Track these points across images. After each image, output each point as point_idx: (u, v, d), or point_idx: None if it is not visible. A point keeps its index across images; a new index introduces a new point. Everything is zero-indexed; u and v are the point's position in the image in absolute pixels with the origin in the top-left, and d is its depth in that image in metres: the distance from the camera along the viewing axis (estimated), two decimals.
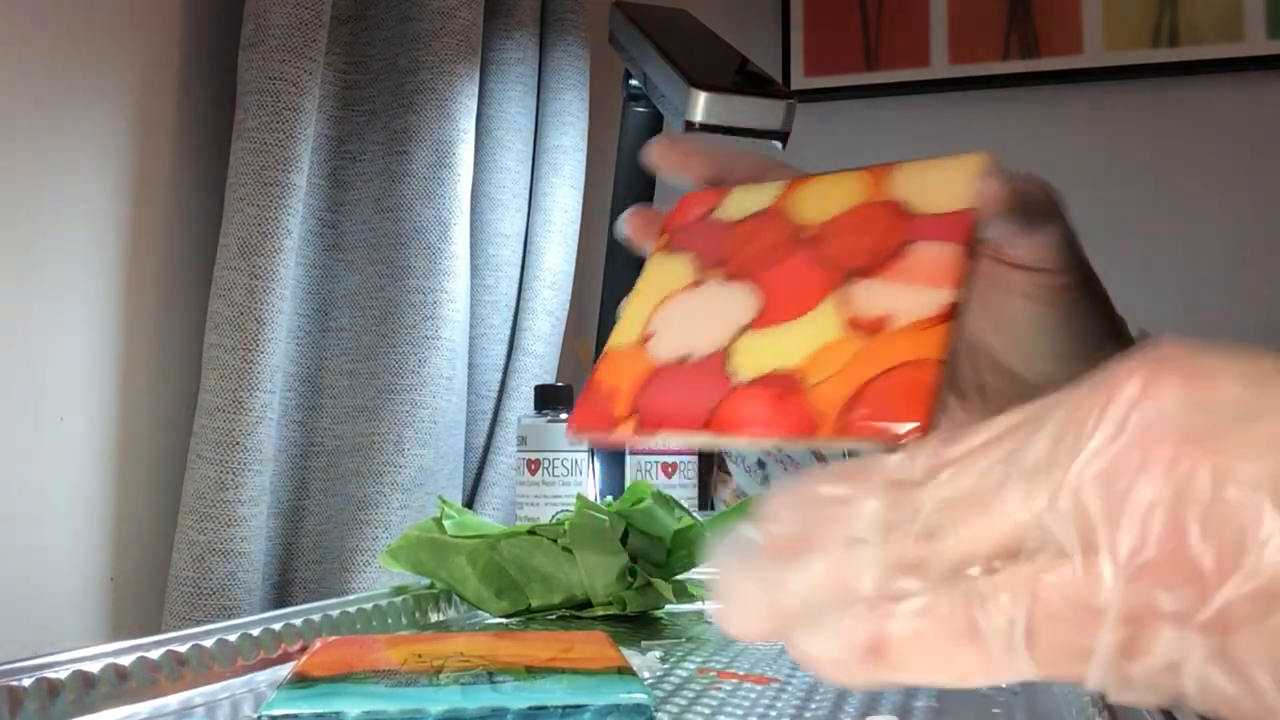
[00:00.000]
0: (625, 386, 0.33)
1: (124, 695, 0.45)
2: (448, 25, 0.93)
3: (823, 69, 1.41)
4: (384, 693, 0.40)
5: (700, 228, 0.38)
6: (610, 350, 0.35)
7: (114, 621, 0.76)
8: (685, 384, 0.32)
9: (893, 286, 0.31)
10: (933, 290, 0.30)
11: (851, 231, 0.34)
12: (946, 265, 0.31)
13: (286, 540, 0.87)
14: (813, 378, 0.30)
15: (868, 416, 0.28)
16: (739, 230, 0.37)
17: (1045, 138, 1.35)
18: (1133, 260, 1.29)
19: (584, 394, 0.34)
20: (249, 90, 0.80)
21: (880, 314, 0.30)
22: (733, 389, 0.31)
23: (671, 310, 0.35)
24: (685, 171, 0.42)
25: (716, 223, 0.38)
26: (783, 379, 0.30)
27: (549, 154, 1.08)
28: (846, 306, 0.31)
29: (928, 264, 0.31)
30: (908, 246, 0.32)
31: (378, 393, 0.88)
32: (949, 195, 0.33)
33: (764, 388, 0.30)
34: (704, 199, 0.39)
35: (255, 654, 0.52)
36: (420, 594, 0.68)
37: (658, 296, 0.36)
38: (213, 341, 0.77)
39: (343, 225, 0.93)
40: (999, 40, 1.35)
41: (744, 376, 0.31)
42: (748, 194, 0.38)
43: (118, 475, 0.77)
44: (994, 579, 0.23)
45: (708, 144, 0.43)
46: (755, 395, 0.30)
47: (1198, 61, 1.29)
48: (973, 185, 0.33)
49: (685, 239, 0.38)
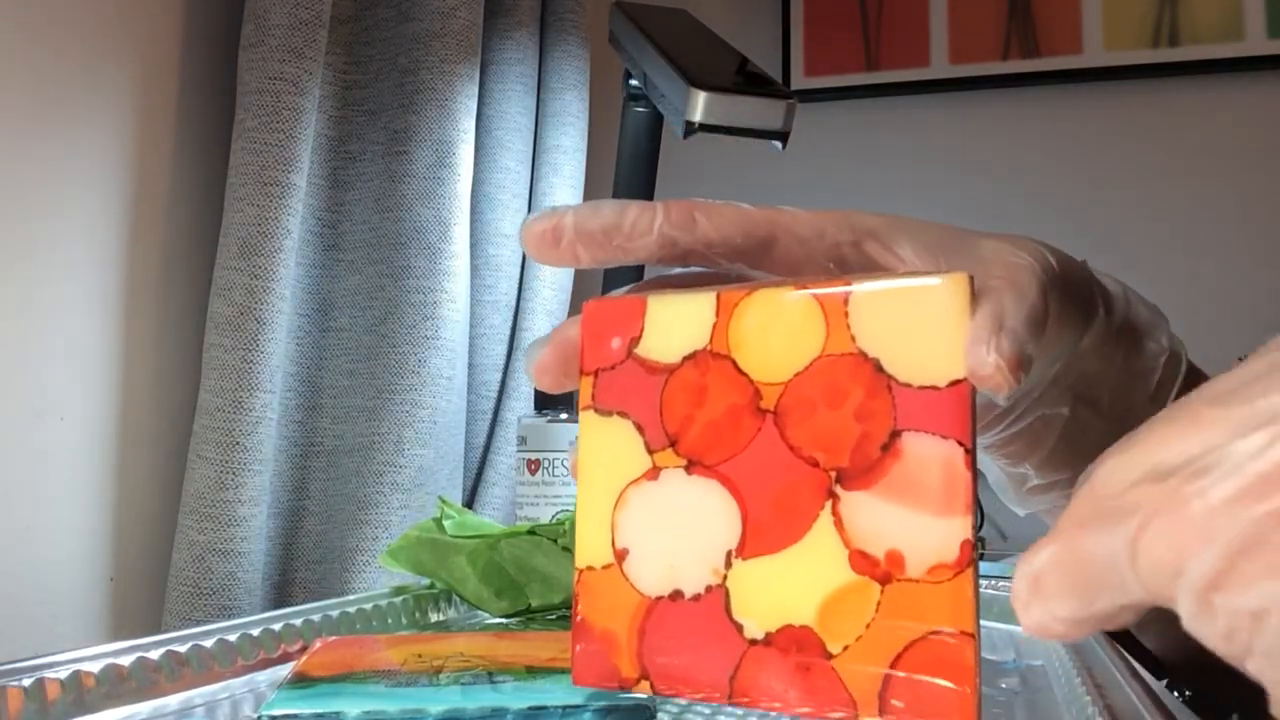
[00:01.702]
0: (621, 632, 0.31)
1: (123, 695, 0.45)
2: (448, 25, 0.93)
3: (823, 69, 1.41)
4: (384, 693, 0.40)
5: (627, 373, 0.32)
6: (585, 572, 0.32)
7: (114, 621, 0.76)
8: (690, 634, 0.30)
9: (894, 508, 0.28)
10: (942, 520, 0.27)
11: (822, 403, 0.29)
12: (952, 481, 0.27)
13: (286, 540, 0.87)
14: (834, 641, 0.28)
15: (908, 711, 0.27)
16: (679, 382, 0.32)
17: (1045, 138, 1.35)
18: (1133, 260, 1.29)
19: (576, 635, 0.32)
20: (249, 90, 0.80)
21: (889, 548, 0.28)
22: (749, 647, 0.29)
23: (634, 514, 0.31)
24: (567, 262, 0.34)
25: (647, 365, 0.32)
26: (800, 638, 0.28)
27: (549, 154, 1.08)
28: (845, 530, 0.28)
29: (930, 479, 0.27)
30: (896, 439, 0.28)
31: (378, 393, 0.88)
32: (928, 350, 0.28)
33: (783, 652, 0.29)
34: (618, 318, 0.33)
35: (255, 654, 0.52)
36: (420, 594, 0.68)
37: (612, 488, 0.32)
38: (213, 341, 0.77)
39: (343, 225, 0.93)
40: (999, 40, 1.35)
41: (755, 630, 0.29)
42: (672, 315, 0.32)
43: (118, 475, 0.77)
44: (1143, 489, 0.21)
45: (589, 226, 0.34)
46: (776, 660, 0.29)
47: (1198, 61, 1.29)
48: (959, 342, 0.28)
49: (614, 391, 0.32)
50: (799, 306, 0.30)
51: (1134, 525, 0.21)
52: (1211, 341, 1.21)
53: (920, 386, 0.28)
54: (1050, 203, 1.33)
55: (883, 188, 1.37)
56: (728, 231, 0.33)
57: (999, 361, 0.27)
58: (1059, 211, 1.33)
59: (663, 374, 0.32)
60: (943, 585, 0.27)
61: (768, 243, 0.33)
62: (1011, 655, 0.56)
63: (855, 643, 0.28)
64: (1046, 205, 1.33)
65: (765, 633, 0.29)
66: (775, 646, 0.29)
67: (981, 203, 1.36)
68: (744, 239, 0.33)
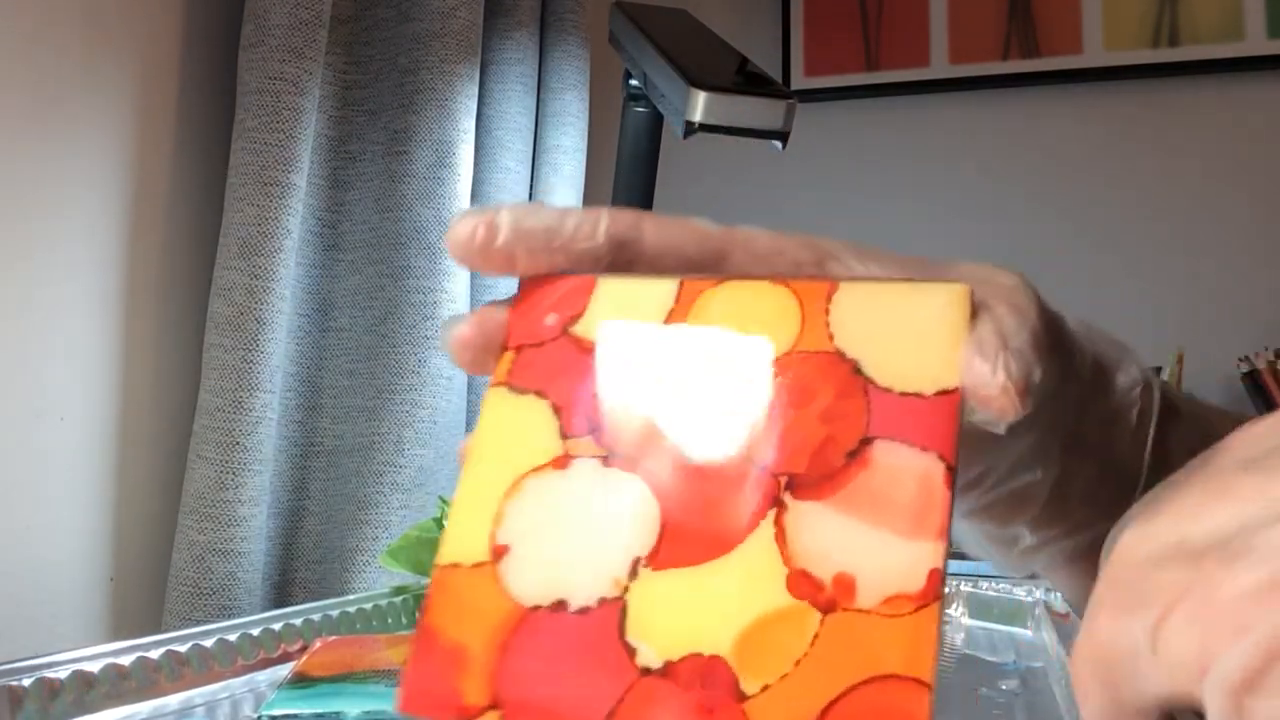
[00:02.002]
0: (477, 646, 0.24)
1: (124, 695, 0.45)
2: (448, 25, 0.93)
3: (823, 69, 1.41)
4: (384, 693, 0.40)
5: (557, 351, 0.28)
6: (446, 570, 0.25)
7: (114, 621, 0.76)
8: (568, 656, 0.24)
9: (852, 524, 0.23)
10: (909, 542, 0.23)
11: (785, 401, 0.25)
12: (928, 499, 0.23)
13: (286, 540, 0.87)
14: (751, 678, 0.22)
15: None
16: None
17: (1045, 138, 1.35)
18: (1133, 260, 1.29)
19: (415, 649, 0.25)
20: (249, 90, 0.80)
21: (838, 573, 0.23)
22: (640, 677, 0.23)
23: (529, 507, 0.26)
24: (498, 267, 0.29)
25: (581, 345, 0.28)
26: (708, 670, 0.23)
27: (549, 154, 1.08)
28: (788, 545, 0.23)
29: (900, 494, 0.23)
30: (867, 446, 0.24)
31: (378, 393, 0.88)
32: (917, 357, 0.25)
33: (683, 687, 0.23)
34: (560, 293, 0.29)
35: (255, 654, 0.52)
36: (420, 593, 0.68)
37: (506, 474, 0.26)
38: (213, 341, 0.77)
39: (343, 225, 0.93)
40: (999, 40, 1.35)
41: (651, 656, 0.23)
42: (625, 297, 0.28)
43: (118, 475, 0.77)
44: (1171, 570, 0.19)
45: (534, 231, 0.29)
46: (672, 696, 0.23)
47: (1198, 61, 1.29)
48: (953, 351, 0.25)
49: (536, 369, 0.28)
50: (772, 298, 0.27)
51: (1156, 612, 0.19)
52: (1211, 341, 1.21)
53: (902, 393, 0.24)
54: (1050, 203, 1.33)
55: (883, 188, 1.37)
56: (678, 240, 0.30)
57: (1005, 383, 0.24)
58: (1059, 211, 1.33)
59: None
60: (900, 620, 0.22)
61: (721, 255, 0.30)
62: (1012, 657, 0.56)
63: (779, 682, 0.22)
64: (1046, 205, 1.33)
65: (664, 661, 0.23)
66: (674, 679, 0.23)
67: (981, 203, 1.36)
68: (695, 249, 0.30)
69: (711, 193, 1.43)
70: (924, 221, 1.36)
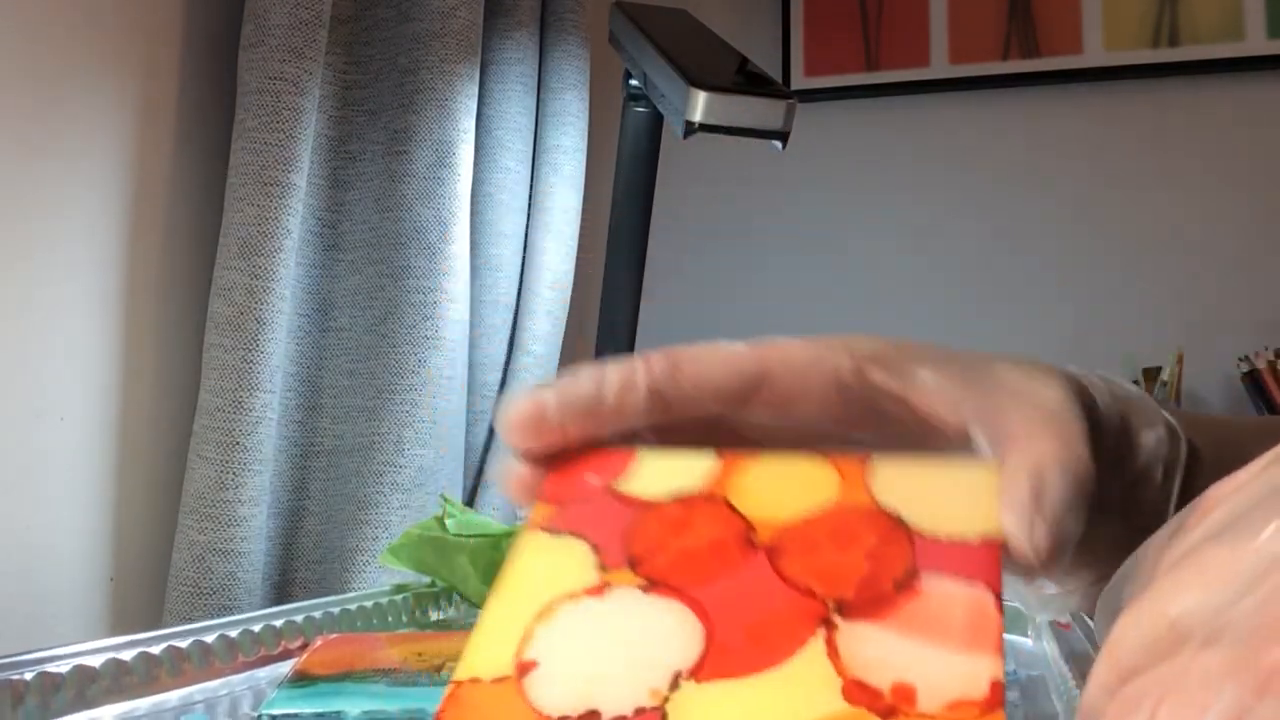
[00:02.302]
0: None
1: (125, 690, 0.46)
2: (448, 25, 0.93)
3: (823, 69, 1.41)
4: (384, 691, 0.40)
5: (599, 504, 0.28)
6: (463, 686, 0.24)
7: (114, 621, 0.76)
8: None
9: (908, 642, 0.23)
10: (967, 656, 0.22)
11: (828, 544, 0.25)
12: (981, 620, 0.23)
13: (286, 540, 0.87)
14: None
15: None
16: (658, 516, 0.27)
17: (1045, 138, 1.35)
18: (1133, 260, 1.29)
19: None
20: (249, 90, 0.80)
21: (896, 682, 0.22)
22: None
23: (561, 628, 0.24)
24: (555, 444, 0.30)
25: (623, 499, 0.28)
26: None
27: (549, 154, 1.08)
28: (841, 659, 0.23)
29: (953, 615, 0.23)
30: (917, 579, 0.24)
31: (378, 393, 0.88)
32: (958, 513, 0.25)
33: None
34: (600, 462, 0.29)
35: (256, 650, 0.52)
36: (421, 592, 0.68)
37: (536, 601, 0.25)
38: (213, 341, 0.77)
39: (343, 225, 0.93)
40: (999, 40, 1.35)
41: None
42: (665, 465, 0.28)
43: (118, 475, 0.77)
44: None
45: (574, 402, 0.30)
46: None
47: (1198, 61, 1.29)
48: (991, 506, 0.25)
49: (577, 517, 0.27)
50: (811, 465, 0.27)
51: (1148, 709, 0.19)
52: (1211, 341, 1.21)
53: (946, 538, 0.25)
54: (1050, 202, 1.34)
55: (883, 188, 1.37)
56: (714, 375, 0.30)
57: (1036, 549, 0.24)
58: (1059, 211, 1.33)
59: (640, 507, 0.27)
60: None
61: (759, 380, 0.30)
62: (1011, 666, 0.56)
63: None
64: (1046, 205, 1.34)
65: None
66: None
67: (981, 203, 1.36)
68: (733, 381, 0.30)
69: (711, 193, 1.43)
70: (924, 221, 1.36)
